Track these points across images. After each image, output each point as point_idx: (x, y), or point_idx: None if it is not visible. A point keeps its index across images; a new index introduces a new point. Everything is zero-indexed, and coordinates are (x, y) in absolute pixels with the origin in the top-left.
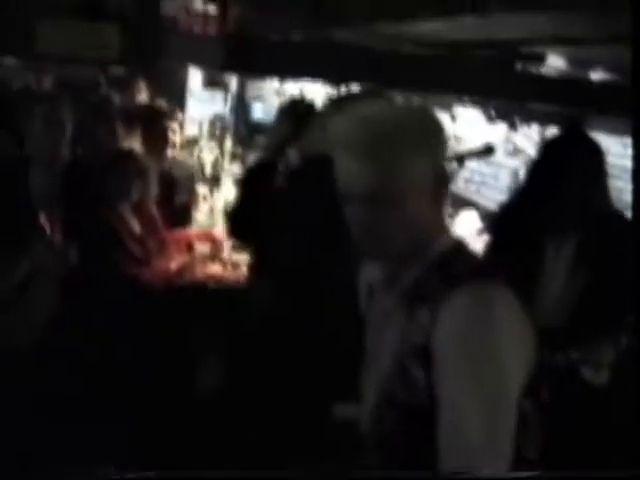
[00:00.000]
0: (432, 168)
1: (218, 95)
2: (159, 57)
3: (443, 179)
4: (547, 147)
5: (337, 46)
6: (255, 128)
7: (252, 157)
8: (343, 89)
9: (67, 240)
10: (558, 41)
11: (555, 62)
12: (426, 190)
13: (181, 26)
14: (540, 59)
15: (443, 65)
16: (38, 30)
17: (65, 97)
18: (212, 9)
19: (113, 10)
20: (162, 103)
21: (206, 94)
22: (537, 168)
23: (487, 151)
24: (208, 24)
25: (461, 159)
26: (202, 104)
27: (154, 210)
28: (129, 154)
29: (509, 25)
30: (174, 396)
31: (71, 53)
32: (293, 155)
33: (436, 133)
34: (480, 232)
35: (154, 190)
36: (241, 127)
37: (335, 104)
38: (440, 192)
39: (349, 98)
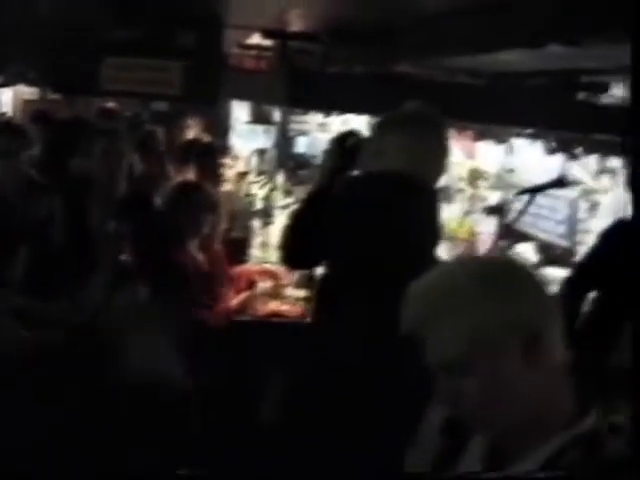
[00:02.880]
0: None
1: (263, 129)
2: (219, 93)
3: (538, 340)
4: None
5: (395, 78)
6: (300, 161)
7: (300, 190)
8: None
9: (132, 276)
10: (622, 71)
11: (617, 92)
12: (516, 354)
13: (240, 63)
14: (603, 89)
15: (502, 96)
16: (103, 68)
17: (123, 130)
18: (270, 44)
19: (175, 47)
20: (212, 138)
21: (250, 129)
22: None
23: (560, 183)
24: (267, 60)
25: (532, 193)
26: (247, 139)
27: (219, 246)
28: (198, 187)
29: (572, 56)
30: (235, 431)
31: (135, 90)
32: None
33: (524, 285)
34: (536, 266)
35: (223, 225)
36: (286, 161)
37: (383, 126)
38: (535, 357)
39: (397, 121)
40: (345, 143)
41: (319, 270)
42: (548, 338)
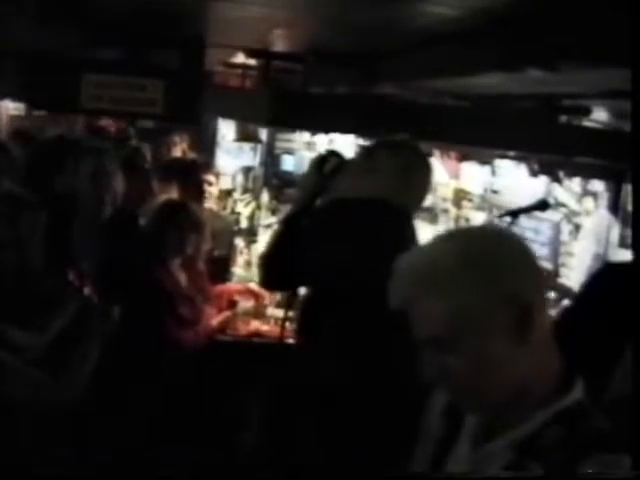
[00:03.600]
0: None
1: (249, 147)
2: (202, 112)
3: (528, 314)
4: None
5: (379, 99)
6: (286, 180)
7: (285, 209)
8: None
9: (110, 298)
10: (604, 95)
11: (599, 115)
12: (505, 329)
13: (223, 81)
14: (586, 112)
15: (485, 118)
16: (83, 85)
17: (110, 148)
18: (254, 63)
19: (157, 65)
20: (198, 156)
21: (237, 147)
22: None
23: (541, 206)
24: (250, 79)
25: (515, 215)
26: (233, 156)
27: (202, 265)
28: (184, 206)
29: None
30: (215, 453)
31: (116, 108)
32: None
33: (513, 259)
34: None
35: (207, 244)
36: (272, 179)
37: (365, 153)
38: (526, 331)
39: (380, 146)
40: (325, 165)
41: (302, 290)
42: (538, 311)
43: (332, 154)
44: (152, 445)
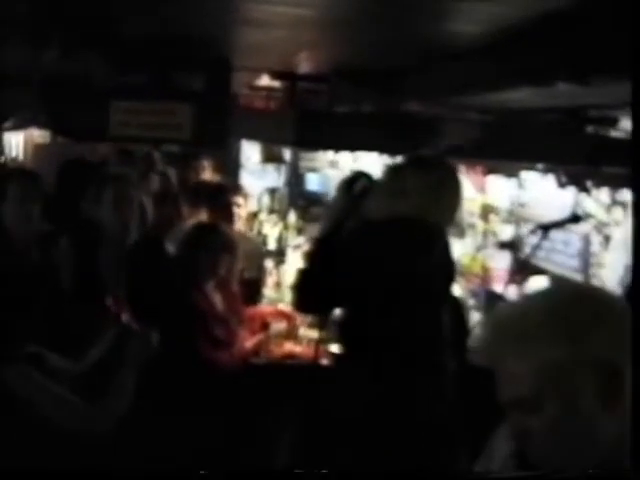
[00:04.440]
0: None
1: (273, 168)
2: (229, 135)
3: (617, 378)
4: None
5: (404, 116)
6: (311, 199)
7: (312, 229)
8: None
9: (146, 324)
10: (627, 104)
11: (626, 124)
12: (592, 392)
13: (249, 103)
14: (612, 122)
15: (511, 132)
16: (111, 112)
17: (134, 175)
18: (279, 85)
19: (184, 90)
20: (223, 178)
21: (261, 167)
22: None
23: (574, 220)
24: (276, 100)
25: (546, 229)
26: (257, 177)
27: (236, 286)
28: (214, 228)
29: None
30: (249, 476)
31: (144, 135)
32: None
33: (603, 319)
34: None
35: (240, 265)
36: (298, 199)
37: (393, 172)
38: (613, 396)
39: (408, 165)
40: (354, 186)
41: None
42: (627, 377)
43: (361, 175)
44: (186, 467)
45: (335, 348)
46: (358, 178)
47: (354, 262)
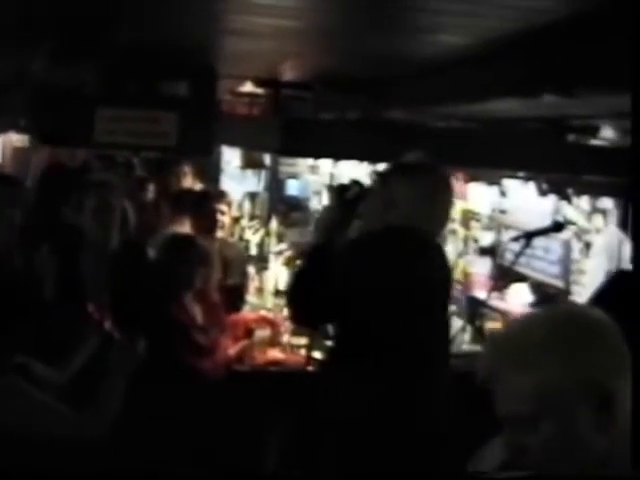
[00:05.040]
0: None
1: (252, 173)
2: (214, 142)
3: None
4: None
5: (388, 124)
6: (292, 204)
7: (292, 234)
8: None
9: (129, 331)
10: (611, 114)
11: (606, 133)
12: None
13: (234, 111)
14: (593, 131)
15: (493, 140)
16: (97, 119)
17: (115, 182)
18: (264, 92)
19: (169, 98)
20: (204, 184)
21: (240, 172)
22: None
23: (557, 227)
24: (260, 107)
25: (529, 237)
26: (237, 182)
27: (216, 296)
28: (189, 241)
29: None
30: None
31: (129, 142)
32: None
33: (596, 343)
34: (531, 305)
35: (217, 275)
36: (278, 204)
37: (382, 181)
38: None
39: (395, 172)
40: (346, 193)
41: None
42: (620, 401)
43: (353, 183)
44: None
45: (320, 355)
46: (351, 186)
47: (350, 273)
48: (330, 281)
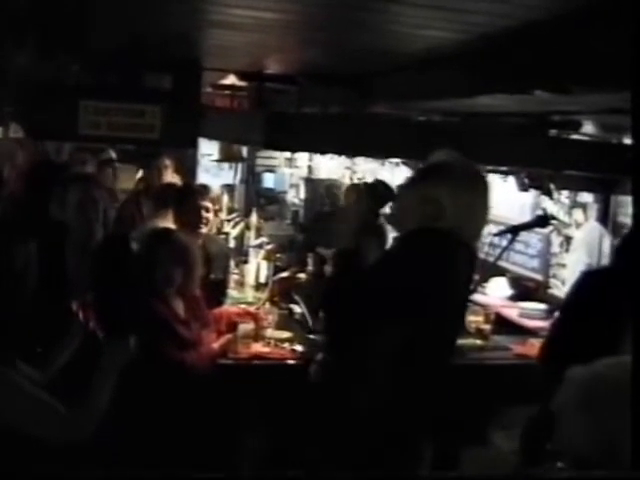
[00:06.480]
0: None
1: (228, 166)
2: (197, 135)
3: None
4: None
5: (372, 119)
6: (268, 197)
7: (269, 227)
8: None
9: (113, 327)
10: (592, 110)
11: (587, 129)
12: None
13: (218, 104)
14: (575, 127)
15: (475, 134)
16: (81, 112)
17: (95, 174)
18: (248, 85)
19: (154, 91)
20: (182, 177)
21: (216, 165)
22: None
23: (541, 223)
24: (245, 101)
25: (513, 232)
26: (212, 175)
27: (197, 291)
28: (168, 235)
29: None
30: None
31: (113, 135)
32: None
33: None
34: (510, 298)
35: (199, 271)
36: (258, 199)
37: (415, 181)
38: None
39: (430, 173)
40: (375, 193)
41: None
42: None
43: (380, 182)
44: (156, 468)
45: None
46: (378, 186)
47: (388, 275)
48: (365, 284)
